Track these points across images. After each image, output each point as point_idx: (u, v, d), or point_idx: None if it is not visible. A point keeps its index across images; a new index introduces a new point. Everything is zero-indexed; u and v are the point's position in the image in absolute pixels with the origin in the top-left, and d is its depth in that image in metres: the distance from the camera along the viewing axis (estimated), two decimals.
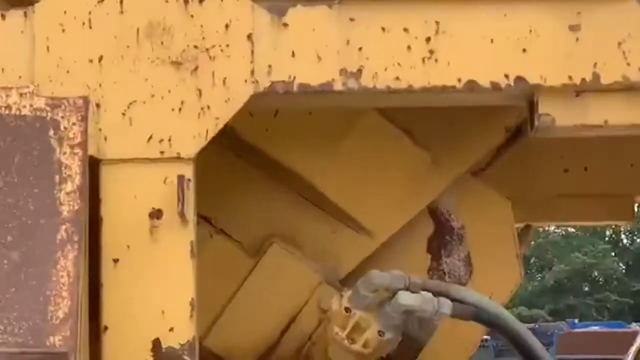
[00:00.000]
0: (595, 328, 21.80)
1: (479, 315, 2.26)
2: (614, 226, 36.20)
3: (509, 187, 2.73)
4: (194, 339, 1.77)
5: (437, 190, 2.50)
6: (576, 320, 25.82)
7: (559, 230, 35.72)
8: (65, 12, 1.89)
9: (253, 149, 2.31)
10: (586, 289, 37.43)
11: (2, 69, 1.87)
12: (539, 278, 39.31)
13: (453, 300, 2.14)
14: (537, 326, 21.10)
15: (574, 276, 36.20)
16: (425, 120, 2.34)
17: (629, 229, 35.98)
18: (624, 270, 38.36)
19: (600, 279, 37.88)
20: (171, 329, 1.73)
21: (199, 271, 1.85)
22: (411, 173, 2.45)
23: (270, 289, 2.35)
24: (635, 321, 22.56)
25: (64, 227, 1.62)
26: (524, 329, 2.34)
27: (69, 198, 1.65)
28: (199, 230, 1.98)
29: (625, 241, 40.89)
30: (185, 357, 1.74)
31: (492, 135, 2.50)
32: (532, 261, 37.12)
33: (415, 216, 2.52)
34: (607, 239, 40.12)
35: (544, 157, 3.02)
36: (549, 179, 3.12)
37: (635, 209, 3.49)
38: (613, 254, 38.78)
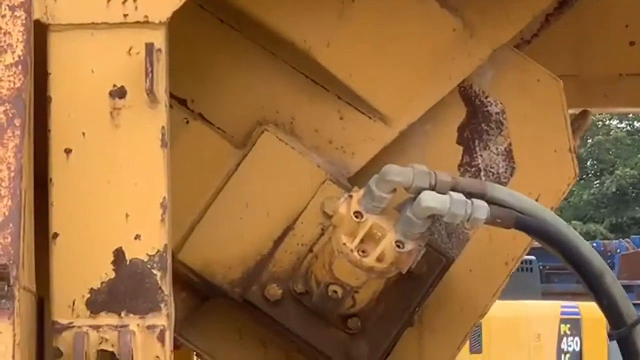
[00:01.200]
0: None
1: (523, 222, 2.25)
2: None
3: (561, 63, 2.70)
4: (166, 248, 1.75)
5: (470, 66, 2.47)
6: None
7: (623, 125, 35.63)
8: None
9: (240, 12, 2.26)
10: None
11: None
12: (597, 185, 38.76)
13: (490, 202, 2.09)
14: (594, 244, 20.94)
15: None
16: None
17: None
18: None
19: None
20: (137, 237, 1.73)
21: (173, 165, 1.82)
22: (438, 43, 2.40)
23: (261, 188, 2.30)
24: None
25: (2, 108, 1.62)
26: (580, 240, 2.30)
27: (8, 72, 1.65)
28: (173, 115, 1.96)
29: None
30: (155, 271, 1.73)
31: None
32: (588, 164, 37.08)
33: (443, 98, 2.47)
34: None
35: (604, 26, 2.99)
36: (610, 53, 3.10)
37: None
38: None
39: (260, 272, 2.26)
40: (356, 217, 2.08)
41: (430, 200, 2.06)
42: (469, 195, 2.09)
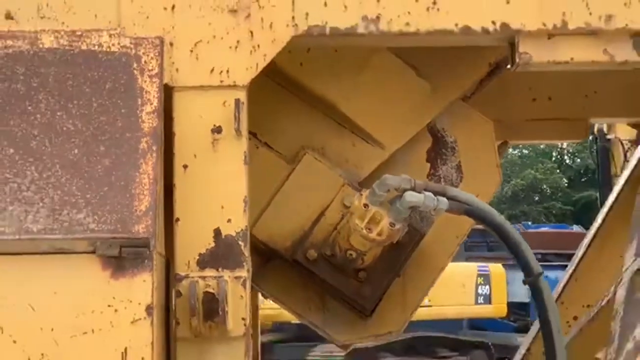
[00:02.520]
0: (545, 229, 21.38)
1: (470, 211, 2.20)
2: (559, 148, 36.19)
3: (490, 111, 2.65)
4: (246, 228, 1.77)
5: (435, 112, 2.43)
6: (529, 223, 25.59)
7: (516, 152, 35.66)
8: None
9: (291, 79, 2.27)
10: (536, 198, 37.35)
11: (96, 15, 1.83)
12: (500, 190, 39.31)
13: (448, 199, 2.06)
14: None
15: (527, 188, 36.20)
16: (426, 57, 2.27)
17: (570, 150, 35.92)
18: (566, 184, 38.44)
19: (548, 191, 38.01)
20: (229, 220, 1.74)
21: (249, 175, 1.83)
22: (414, 98, 2.39)
23: (304, 189, 2.31)
24: (576, 224, 22.48)
25: (144, 139, 1.62)
26: (503, 221, 2.27)
27: (148, 117, 1.65)
28: (249, 144, 1.94)
29: (567, 160, 41.00)
30: (240, 242, 1.75)
31: (478, 69, 2.43)
32: None
33: (417, 133, 2.44)
34: (553, 158, 40.15)
35: (517, 88, 2.95)
36: (520, 106, 3.05)
37: (588, 130, 3.46)
38: (558, 170, 38.86)
39: (303, 242, 2.23)
40: (365, 207, 2.06)
41: (411, 197, 2.00)
42: (435, 193, 2.03)
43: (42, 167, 1.56)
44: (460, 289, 11.77)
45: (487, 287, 12.51)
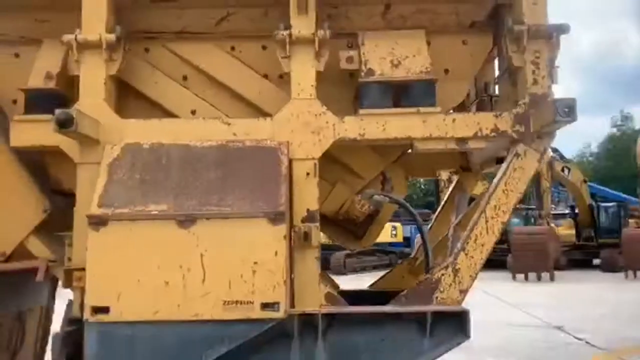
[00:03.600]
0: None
1: (396, 202, 4.27)
2: None
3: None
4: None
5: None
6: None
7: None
8: None
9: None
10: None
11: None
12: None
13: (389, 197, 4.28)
14: None
15: None
16: None
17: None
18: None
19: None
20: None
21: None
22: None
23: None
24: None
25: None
26: (408, 206, 4.34)
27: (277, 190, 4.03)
28: None
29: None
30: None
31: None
32: None
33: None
34: None
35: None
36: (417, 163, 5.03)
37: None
38: None
39: (338, 212, 4.27)
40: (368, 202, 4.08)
41: (381, 198, 4.07)
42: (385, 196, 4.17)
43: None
44: (385, 231, 22.44)
45: (395, 231, 30.18)
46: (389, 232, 29.82)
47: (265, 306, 3.51)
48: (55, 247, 3.90)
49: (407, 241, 30.08)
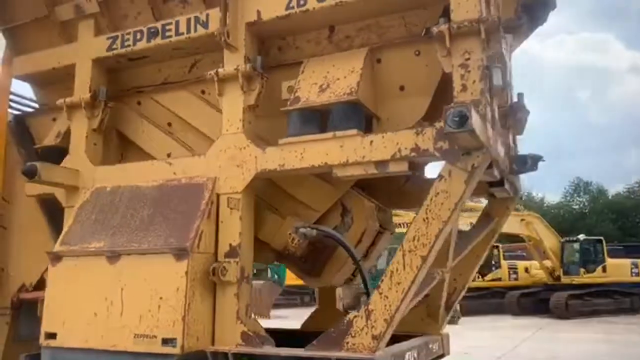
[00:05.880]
0: None
1: (328, 234, 3.82)
2: None
3: None
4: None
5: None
6: None
7: None
8: None
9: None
10: None
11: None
12: None
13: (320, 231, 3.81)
14: None
15: None
16: None
17: None
18: None
19: None
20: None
21: None
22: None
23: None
24: None
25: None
26: (339, 235, 3.84)
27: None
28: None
29: None
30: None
31: None
32: None
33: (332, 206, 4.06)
34: None
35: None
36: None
37: None
38: None
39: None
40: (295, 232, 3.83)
41: (307, 231, 3.71)
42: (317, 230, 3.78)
43: None
44: (624, 269, 24.35)
45: (637, 269, 24.13)
46: (628, 270, 24.00)
47: (164, 341, 3.54)
48: None
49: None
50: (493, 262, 25.27)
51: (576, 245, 23.73)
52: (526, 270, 26.20)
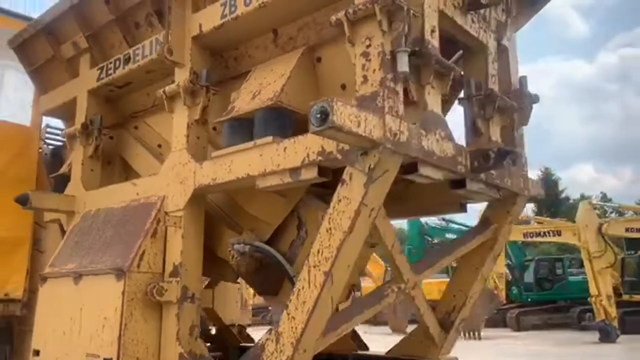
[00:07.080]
0: None
1: (262, 250, 3.56)
2: None
3: None
4: None
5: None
6: None
7: None
8: None
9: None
10: None
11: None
12: None
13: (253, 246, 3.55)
14: None
15: None
16: None
17: None
18: None
19: None
20: None
21: None
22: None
23: None
24: None
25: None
26: (271, 250, 3.58)
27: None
28: None
29: None
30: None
31: None
32: None
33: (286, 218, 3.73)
34: None
35: None
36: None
37: None
38: None
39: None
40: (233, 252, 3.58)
41: (240, 247, 3.48)
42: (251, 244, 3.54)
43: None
44: None
45: None
46: None
47: None
48: None
49: None
50: None
51: None
52: None
